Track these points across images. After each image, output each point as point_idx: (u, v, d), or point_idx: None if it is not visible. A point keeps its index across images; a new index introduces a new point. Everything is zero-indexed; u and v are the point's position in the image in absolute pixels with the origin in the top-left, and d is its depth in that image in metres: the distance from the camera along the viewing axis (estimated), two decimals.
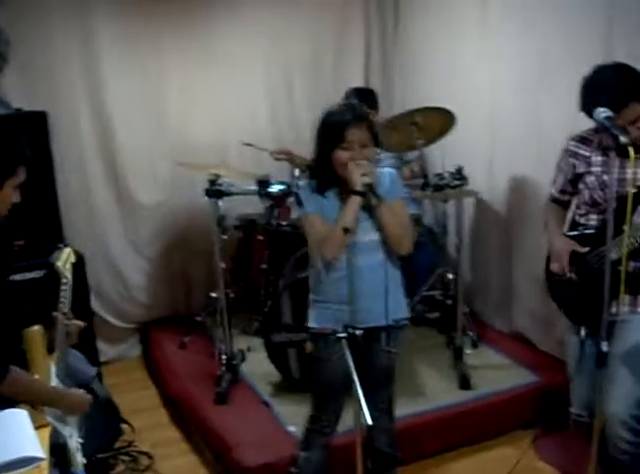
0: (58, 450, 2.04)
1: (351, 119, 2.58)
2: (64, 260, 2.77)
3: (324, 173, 2.68)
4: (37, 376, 2.34)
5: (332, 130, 2.60)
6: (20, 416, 1.91)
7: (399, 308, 2.81)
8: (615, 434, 2.75)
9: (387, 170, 2.80)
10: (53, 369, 2.48)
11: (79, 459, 2.49)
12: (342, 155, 2.58)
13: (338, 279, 2.67)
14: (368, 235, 2.70)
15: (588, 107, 2.62)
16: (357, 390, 2.12)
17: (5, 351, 2.21)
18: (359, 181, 2.53)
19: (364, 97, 4.41)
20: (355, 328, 2.33)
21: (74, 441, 2.48)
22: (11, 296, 2.42)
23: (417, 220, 4.33)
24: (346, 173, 2.58)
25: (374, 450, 3.08)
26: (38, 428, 1.98)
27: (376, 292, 2.68)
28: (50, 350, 2.52)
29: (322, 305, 2.80)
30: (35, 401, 2.29)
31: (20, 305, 2.55)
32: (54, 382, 2.46)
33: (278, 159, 4.52)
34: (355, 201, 2.59)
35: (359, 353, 2.69)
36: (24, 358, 2.33)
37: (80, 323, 2.70)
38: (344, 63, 5.23)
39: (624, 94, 2.55)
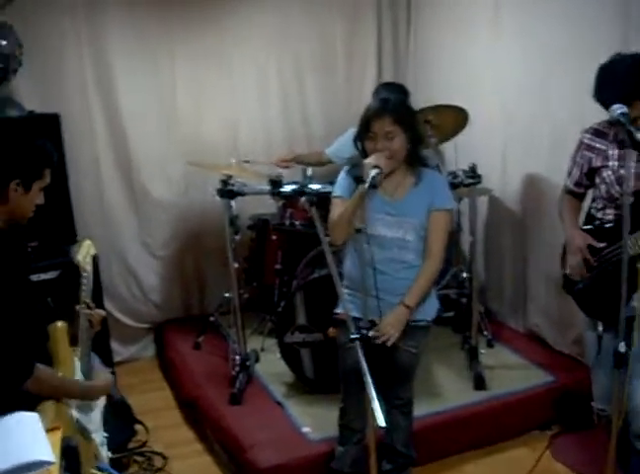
0: (69, 454, 2.03)
1: (375, 111, 2.67)
2: (84, 253, 2.75)
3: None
4: (60, 373, 2.34)
5: (362, 121, 2.72)
6: (31, 419, 1.91)
7: (419, 309, 2.81)
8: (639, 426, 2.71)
9: (438, 176, 2.87)
10: (78, 364, 2.50)
11: (104, 454, 2.53)
12: (367, 145, 2.71)
13: (361, 269, 2.69)
14: (392, 231, 2.74)
15: (601, 96, 2.59)
16: (370, 390, 2.09)
17: (30, 348, 2.24)
18: (367, 171, 2.56)
19: (394, 92, 4.40)
20: (369, 328, 2.31)
21: (100, 436, 2.51)
22: (34, 295, 2.44)
23: None
24: None
25: (389, 448, 3.08)
26: (49, 431, 1.97)
27: (396, 288, 2.76)
28: (73, 344, 2.53)
29: (347, 291, 2.85)
30: (60, 396, 2.30)
31: (43, 302, 2.56)
32: (79, 377, 2.47)
33: (284, 167, 4.49)
34: (359, 191, 2.62)
35: (378, 348, 2.74)
36: (49, 355, 2.34)
37: (102, 312, 2.73)
38: (356, 62, 5.21)
39: (636, 87, 2.51)
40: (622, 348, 2.46)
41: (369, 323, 2.59)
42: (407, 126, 2.67)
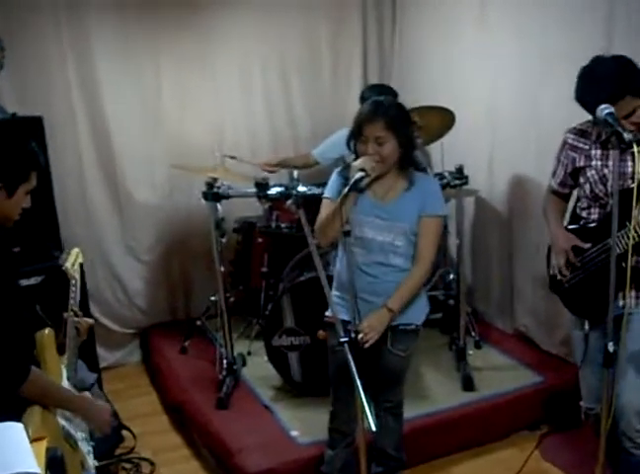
0: (54, 464, 2.00)
1: (367, 115, 2.66)
2: (73, 261, 2.74)
3: None
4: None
5: (354, 124, 2.71)
6: (15, 429, 1.88)
7: (408, 313, 2.79)
8: (629, 426, 2.71)
9: (432, 181, 2.85)
10: (65, 373, 2.47)
11: (91, 463, 2.49)
12: (359, 147, 2.70)
13: (349, 272, 2.67)
14: (382, 235, 2.73)
15: (584, 97, 2.59)
16: (360, 393, 2.07)
17: (25, 351, 2.22)
18: (352, 174, 2.56)
19: (381, 94, 4.39)
20: (358, 331, 2.29)
21: (86, 445, 2.47)
22: (24, 299, 2.41)
23: None
24: None
25: (379, 451, 3.06)
26: (33, 441, 1.94)
27: (385, 292, 2.74)
28: (60, 352, 2.51)
29: (336, 294, 2.86)
30: (53, 403, 2.27)
31: (30, 309, 2.54)
32: (65, 385, 2.44)
33: (271, 172, 4.47)
34: (342, 193, 2.59)
35: (367, 351, 2.72)
36: (36, 363, 2.30)
37: (89, 320, 2.71)
38: (341, 63, 5.19)
39: (621, 87, 2.52)
40: (611, 347, 2.47)
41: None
42: (399, 131, 2.64)
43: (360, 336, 2.46)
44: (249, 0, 4.77)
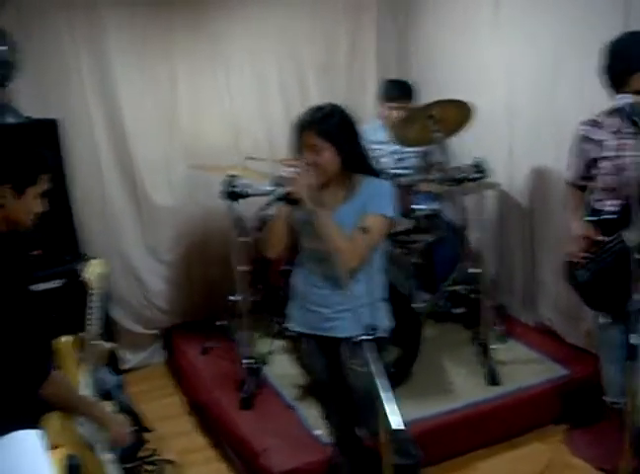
0: (73, 473, 2.00)
1: (301, 123, 2.58)
2: (90, 271, 2.75)
3: None
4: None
5: (293, 132, 2.62)
6: (33, 437, 1.88)
7: (356, 325, 2.47)
8: None
9: (383, 183, 2.68)
10: (82, 382, 2.48)
11: (113, 471, 2.48)
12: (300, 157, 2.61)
13: (300, 280, 2.74)
14: (312, 243, 2.63)
15: (615, 67, 2.55)
16: (380, 393, 2.04)
17: (45, 353, 2.22)
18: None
19: (397, 88, 4.40)
20: (376, 328, 2.24)
21: (107, 453, 2.46)
22: (35, 303, 2.41)
23: (437, 215, 4.28)
24: None
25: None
26: (53, 448, 1.94)
27: (334, 304, 2.64)
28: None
29: (294, 305, 2.83)
30: (71, 407, 2.27)
31: (47, 315, 2.53)
32: (85, 393, 2.46)
33: (290, 167, 4.44)
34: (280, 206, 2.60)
35: (329, 369, 2.76)
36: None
37: (108, 345, 2.71)
38: (357, 60, 5.17)
39: None
40: (634, 339, 2.42)
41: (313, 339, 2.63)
42: (335, 139, 2.53)
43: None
44: (264, 2, 4.75)
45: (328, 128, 2.54)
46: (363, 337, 2.34)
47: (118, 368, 4.22)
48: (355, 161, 2.63)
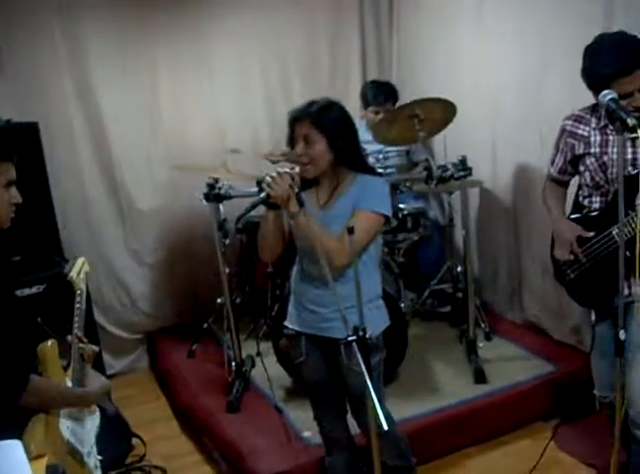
0: None
1: (295, 113, 2.57)
2: (78, 270, 2.69)
3: None
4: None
5: (288, 125, 2.61)
6: (13, 448, 1.83)
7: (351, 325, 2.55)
8: (639, 415, 2.67)
9: (377, 180, 2.65)
10: (69, 384, 2.42)
11: None
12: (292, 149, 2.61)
13: (298, 279, 2.73)
14: (305, 243, 2.58)
15: (596, 71, 2.53)
16: (370, 393, 2.02)
17: (24, 361, 2.17)
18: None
19: (380, 90, 4.39)
20: (365, 330, 2.22)
21: (93, 459, 2.43)
22: (19, 309, 2.37)
23: (421, 214, 4.27)
24: None
25: (383, 466, 2.95)
26: (35, 458, 1.90)
27: (329, 303, 2.59)
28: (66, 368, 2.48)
29: (292, 303, 2.81)
30: (57, 405, 2.24)
31: (31, 320, 2.50)
32: None
33: (274, 161, 4.44)
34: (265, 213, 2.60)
35: (329, 365, 2.74)
36: (38, 375, 2.26)
37: (94, 348, 2.63)
38: (340, 61, 5.17)
39: (630, 60, 2.46)
40: (622, 335, 2.43)
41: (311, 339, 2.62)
42: (329, 132, 2.51)
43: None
44: (246, 2, 4.72)
45: (323, 121, 2.52)
46: (352, 338, 2.33)
47: (103, 374, 4.15)
48: (348, 157, 2.60)
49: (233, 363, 3.91)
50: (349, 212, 2.54)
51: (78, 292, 2.62)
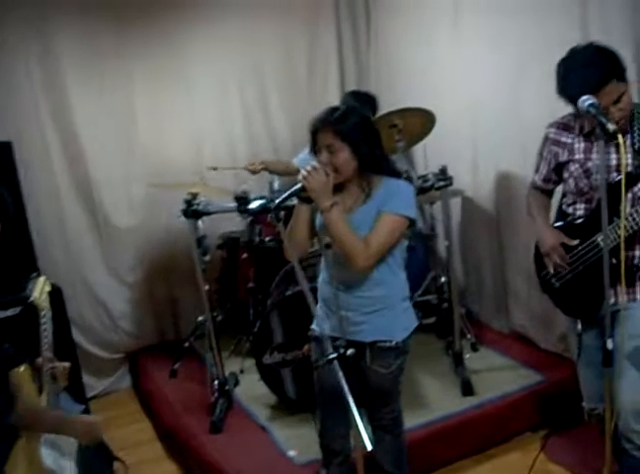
0: None
1: (317, 123, 2.56)
2: (40, 290, 2.66)
3: None
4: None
5: (310, 133, 2.59)
6: None
7: (384, 329, 2.65)
8: (629, 427, 2.61)
9: (402, 183, 2.64)
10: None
11: None
12: (317, 157, 2.56)
13: (328, 286, 2.67)
14: (333, 246, 2.57)
15: (568, 89, 2.50)
16: (352, 411, 1.97)
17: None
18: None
19: (360, 101, 4.32)
20: (347, 347, 2.18)
21: None
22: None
23: None
24: None
25: (378, 469, 2.94)
26: None
27: (360, 306, 2.63)
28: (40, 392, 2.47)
29: (320, 307, 2.77)
30: (42, 430, 2.23)
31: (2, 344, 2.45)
32: None
33: (254, 172, 4.39)
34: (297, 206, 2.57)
35: (352, 368, 2.64)
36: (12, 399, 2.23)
37: (65, 364, 2.61)
38: (318, 72, 5.15)
39: (606, 70, 2.43)
40: (610, 345, 2.39)
41: (346, 341, 2.47)
42: (352, 139, 2.50)
43: (349, 352, 2.28)
44: (222, 14, 4.69)
45: (344, 128, 2.51)
46: (386, 343, 2.62)
47: (83, 396, 4.07)
48: (372, 162, 2.59)
49: (216, 382, 3.83)
50: (374, 215, 2.54)
51: (43, 313, 2.61)
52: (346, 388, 2.02)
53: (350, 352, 2.16)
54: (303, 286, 2.17)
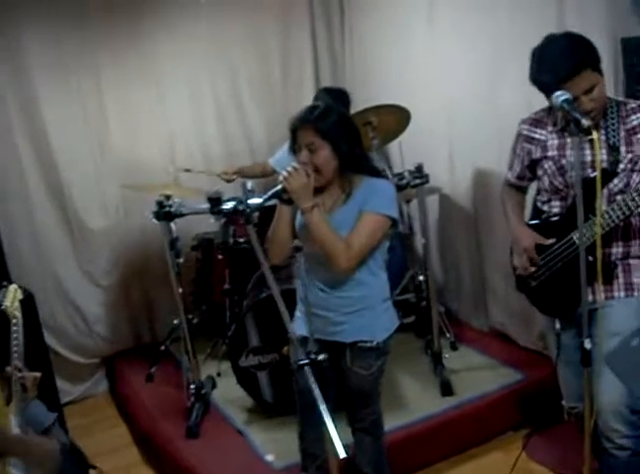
0: None
1: (297, 121, 2.52)
2: (11, 299, 2.64)
3: None
4: None
5: (290, 131, 2.55)
6: None
7: (365, 329, 2.62)
8: (609, 427, 2.59)
9: (383, 182, 2.61)
10: (13, 421, 2.39)
11: None
12: (296, 156, 2.54)
13: (303, 287, 2.62)
14: (311, 247, 2.52)
15: (541, 77, 2.46)
16: (325, 419, 1.92)
17: None
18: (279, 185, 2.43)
19: (333, 97, 4.26)
20: (319, 352, 2.13)
21: None
22: None
23: None
24: None
25: (357, 471, 2.90)
26: None
27: (339, 306, 2.61)
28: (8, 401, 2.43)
29: (298, 309, 2.75)
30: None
31: None
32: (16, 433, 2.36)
33: (229, 180, 4.34)
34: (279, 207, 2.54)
35: (332, 369, 2.65)
36: None
37: (35, 374, 2.57)
38: (292, 69, 5.08)
39: (579, 59, 2.39)
40: (588, 344, 2.35)
41: (320, 346, 2.43)
42: (333, 138, 2.47)
43: (320, 357, 2.21)
44: (193, 12, 4.60)
45: (325, 126, 2.48)
46: (367, 343, 2.59)
47: (57, 402, 3.99)
48: (353, 161, 2.55)
49: (192, 386, 3.76)
50: (355, 215, 2.50)
51: (14, 321, 2.58)
52: (317, 395, 1.96)
53: (321, 357, 2.10)
54: (274, 291, 2.12)
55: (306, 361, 2.05)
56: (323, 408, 1.94)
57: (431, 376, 3.86)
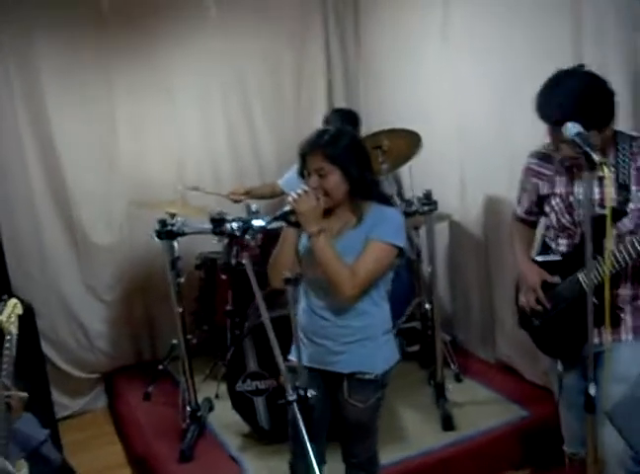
0: None
1: (306, 146, 2.47)
2: (9, 313, 2.62)
3: None
4: None
5: (298, 155, 2.50)
6: None
7: (364, 360, 2.53)
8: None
9: (391, 210, 2.54)
10: None
11: None
12: (306, 180, 2.48)
13: (303, 312, 2.58)
14: (315, 273, 2.47)
15: (546, 121, 2.38)
16: (311, 459, 1.84)
17: None
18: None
19: (344, 118, 4.22)
20: (307, 389, 2.05)
21: None
22: None
23: None
24: None
25: None
26: None
27: (338, 336, 2.53)
28: None
29: (297, 335, 2.62)
30: None
31: None
32: None
33: (236, 201, 4.29)
34: (283, 232, 2.48)
35: (329, 399, 2.59)
36: None
37: (21, 394, 2.51)
38: (304, 88, 5.03)
39: (559, 117, 2.28)
40: (593, 390, 2.23)
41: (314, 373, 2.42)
42: (342, 163, 2.41)
43: (309, 393, 2.17)
44: (207, 26, 4.57)
45: (335, 151, 2.42)
46: (365, 375, 2.51)
47: (52, 417, 3.93)
48: (363, 187, 2.49)
49: (188, 408, 3.69)
50: (362, 241, 2.44)
51: (8, 337, 2.54)
52: (304, 434, 1.89)
53: (310, 394, 2.02)
54: (265, 319, 2.06)
55: (294, 398, 1.97)
56: (309, 447, 1.87)
57: (433, 409, 3.75)
